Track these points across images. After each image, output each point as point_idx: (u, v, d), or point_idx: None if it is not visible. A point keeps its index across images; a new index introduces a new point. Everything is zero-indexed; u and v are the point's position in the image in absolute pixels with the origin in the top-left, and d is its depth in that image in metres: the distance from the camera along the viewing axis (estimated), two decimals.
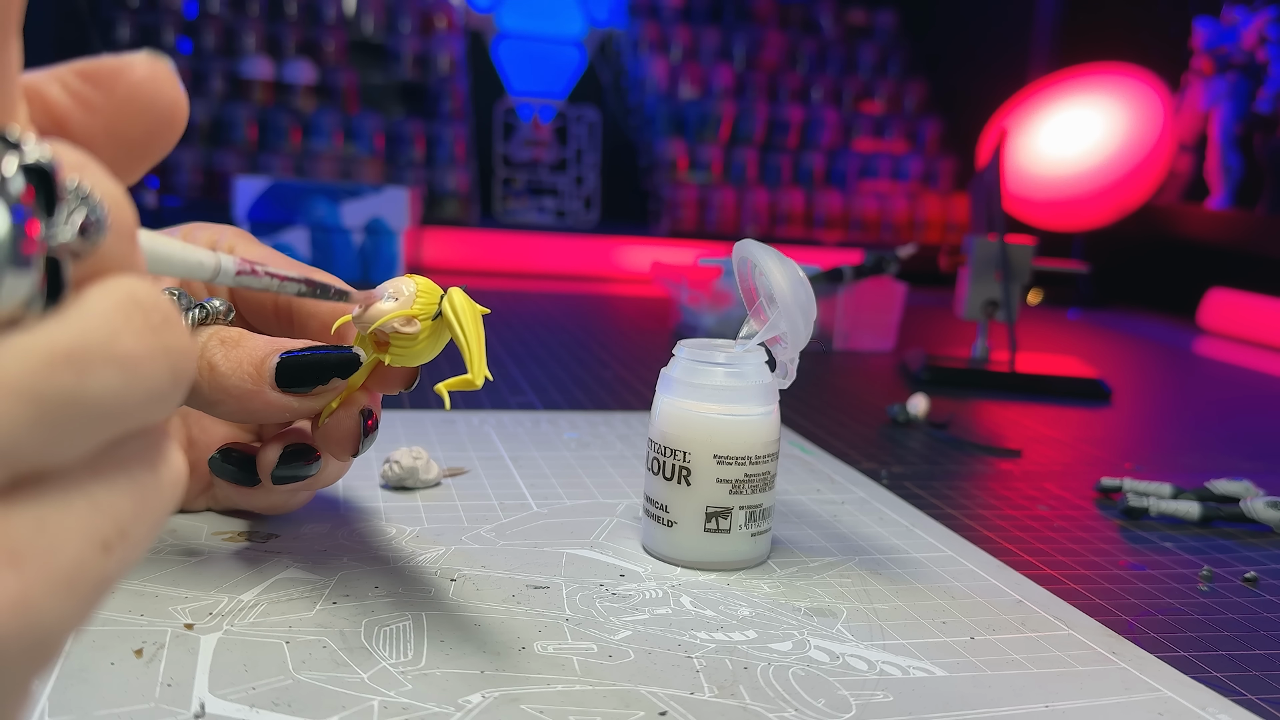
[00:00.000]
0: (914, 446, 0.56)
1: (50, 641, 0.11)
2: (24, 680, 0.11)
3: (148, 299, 0.12)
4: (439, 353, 0.29)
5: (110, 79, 0.14)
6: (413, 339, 0.28)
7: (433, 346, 0.29)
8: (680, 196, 1.48)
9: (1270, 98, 1.21)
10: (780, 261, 0.33)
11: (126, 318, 0.12)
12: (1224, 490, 0.46)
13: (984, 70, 1.63)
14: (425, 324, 0.28)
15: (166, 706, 0.24)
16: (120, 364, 0.12)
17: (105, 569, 0.12)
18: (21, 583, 0.11)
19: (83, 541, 0.12)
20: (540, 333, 0.85)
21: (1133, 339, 1.06)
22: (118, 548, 0.12)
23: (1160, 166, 1.26)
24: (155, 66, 0.14)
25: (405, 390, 0.32)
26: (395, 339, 0.28)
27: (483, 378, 0.27)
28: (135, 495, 0.13)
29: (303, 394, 0.29)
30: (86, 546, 0.12)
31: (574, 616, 0.30)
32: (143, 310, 0.12)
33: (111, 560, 0.12)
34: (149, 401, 0.12)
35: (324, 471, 0.33)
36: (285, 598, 0.30)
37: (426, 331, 0.28)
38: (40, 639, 0.11)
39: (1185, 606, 0.35)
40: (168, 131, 0.15)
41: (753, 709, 0.26)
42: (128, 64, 0.14)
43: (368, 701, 0.25)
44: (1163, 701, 0.28)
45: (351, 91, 1.48)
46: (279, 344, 0.29)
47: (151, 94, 0.14)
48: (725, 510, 0.34)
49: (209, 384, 0.29)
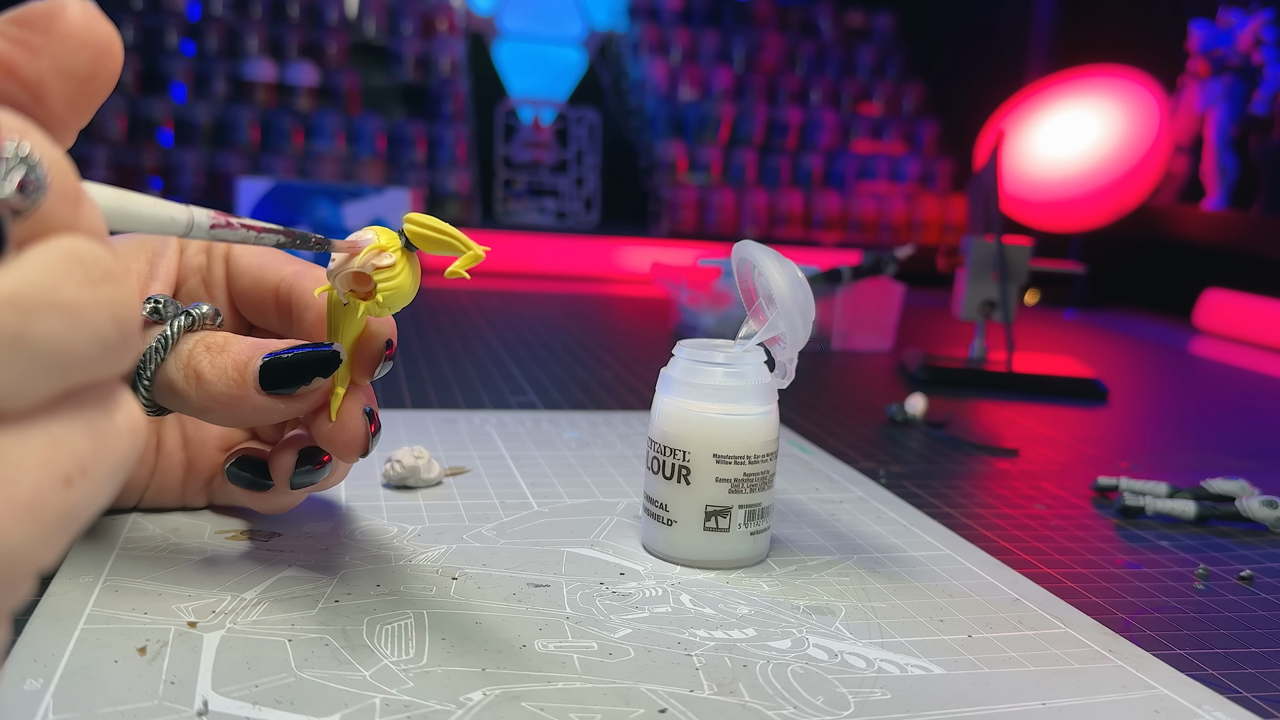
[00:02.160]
0: (912, 446, 0.56)
1: (16, 567, 0.12)
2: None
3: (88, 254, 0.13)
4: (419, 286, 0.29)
5: (46, 21, 0.15)
6: (393, 270, 0.28)
7: (413, 276, 0.29)
8: (680, 198, 1.49)
9: (1266, 99, 1.22)
10: (779, 262, 0.33)
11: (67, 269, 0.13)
12: (1220, 489, 0.46)
13: (981, 72, 1.64)
14: (398, 254, 0.28)
15: (169, 704, 0.24)
16: (63, 311, 0.12)
17: (67, 501, 0.13)
18: None
19: (42, 473, 0.12)
20: (541, 333, 0.85)
21: (1129, 339, 1.07)
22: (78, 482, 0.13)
23: (1156, 168, 1.26)
24: (84, 4, 0.16)
25: (388, 358, 0.31)
26: (377, 275, 0.28)
27: (482, 249, 0.27)
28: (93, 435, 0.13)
29: (288, 395, 0.29)
30: (46, 478, 0.12)
31: (574, 614, 0.30)
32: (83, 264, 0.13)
33: (73, 493, 0.13)
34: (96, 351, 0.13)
35: (334, 472, 0.34)
36: (288, 596, 0.30)
37: (402, 260, 0.28)
38: (5, 563, 0.12)
39: (1181, 605, 0.36)
40: (109, 63, 0.16)
41: (752, 706, 0.26)
42: (59, 5, 0.15)
43: (369, 699, 0.25)
44: (1159, 699, 0.28)
45: (353, 93, 1.48)
46: (262, 346, 0.29)
47: (88, 28, 0.15)
48: (724, 509, 0.34)
49: (197, 393, 0.29)
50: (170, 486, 0.35)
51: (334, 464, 0.33)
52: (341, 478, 0.35)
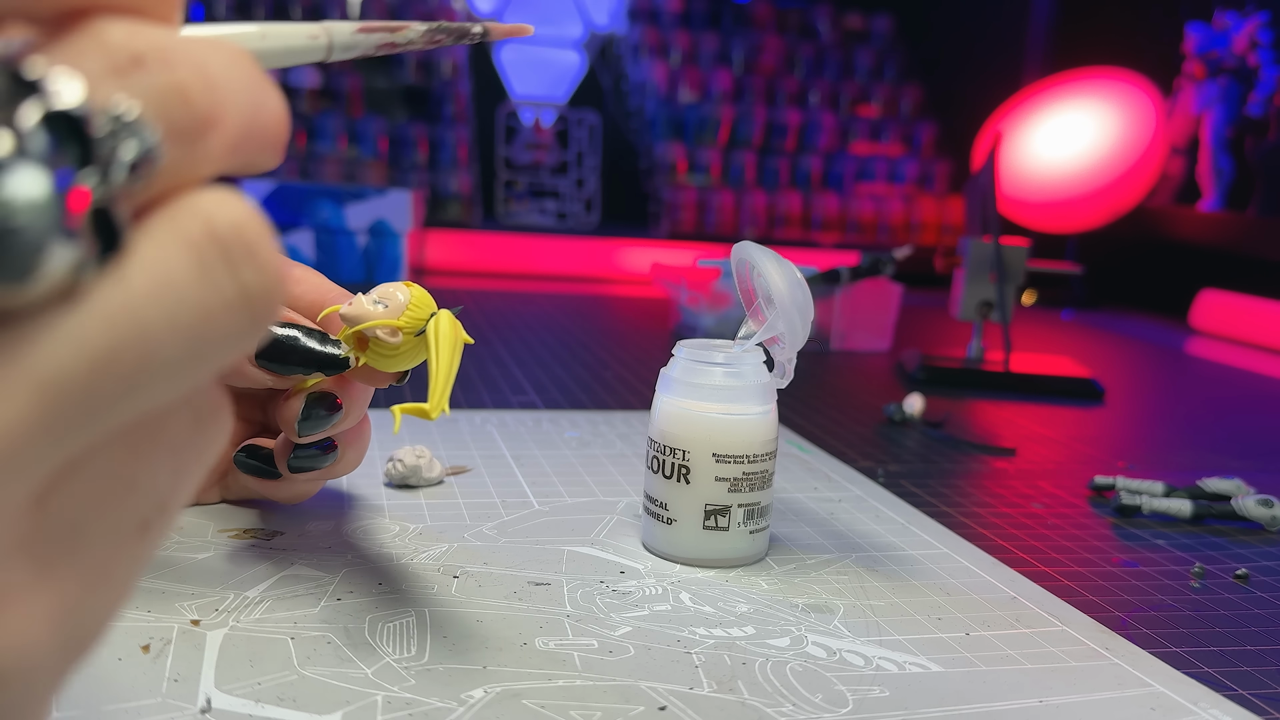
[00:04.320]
0: (910, 445, 0.56)
1: (88, 637, 0.11)
2: (64, 673, 0.11)
3: (223, 225, 0.10)
4: (417, 364, 0.29)
5: None
6: (393, 349, 0.28)
7: (411, 359, 0.29)
8: (679, 199, 1.49)
9: (1261, 101, 1.22)
10: (778, 263, 0.34)
11: (198, 260, 0.10)
12: (1215, 488, 0.47)
13: (979, 74, 1.64)
14: (408, 337, 0.28)
15: (173, 701, 0.24)
16: (189, 330, 0.10)
17: (142, 550, 0.11)
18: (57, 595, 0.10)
19: (120, 529, 0.11)
20: (542, 333, 0.85)
21: (1125, 339, 1.07)
22: (155, 525, 0.11)
23: (1152, 169, 1.27)
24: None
25: (397, 384, 0.31)
26: (375, 343, 0.28)
27: (439, 412, 0.26)
28: (175, 465, 0.11)
29: (278, 374, 0.29)
30: (124, 534, 0.11)
31: (575, 613, 0.31)
32: (218, 244, 0.10)
33: (148, 539, 0.11)
34: (221, 353, 0.11)
35: (341, 461, 0.34)
36: (290, 594, 0.30)
37: (408, 345, 0.28)
38: (79, 635, 0.11)
39: (1177, 603, 0.36)
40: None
41: (751, 704, 0.26)
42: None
43: (371, 696, 0.25)
44: (1155, 697, 0.28)
45: (355, 95, 1.48)
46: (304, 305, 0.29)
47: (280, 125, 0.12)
48: (724, 508, 0.35)
49: None
50: (208, 483, 0.36)
51: (341, 452, 0.33)
52: (354, 465, 0.35)
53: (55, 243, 0.09)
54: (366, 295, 0.28)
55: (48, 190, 0.09)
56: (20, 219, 0.09)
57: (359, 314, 0.28)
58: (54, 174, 0.09)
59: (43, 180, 0.09)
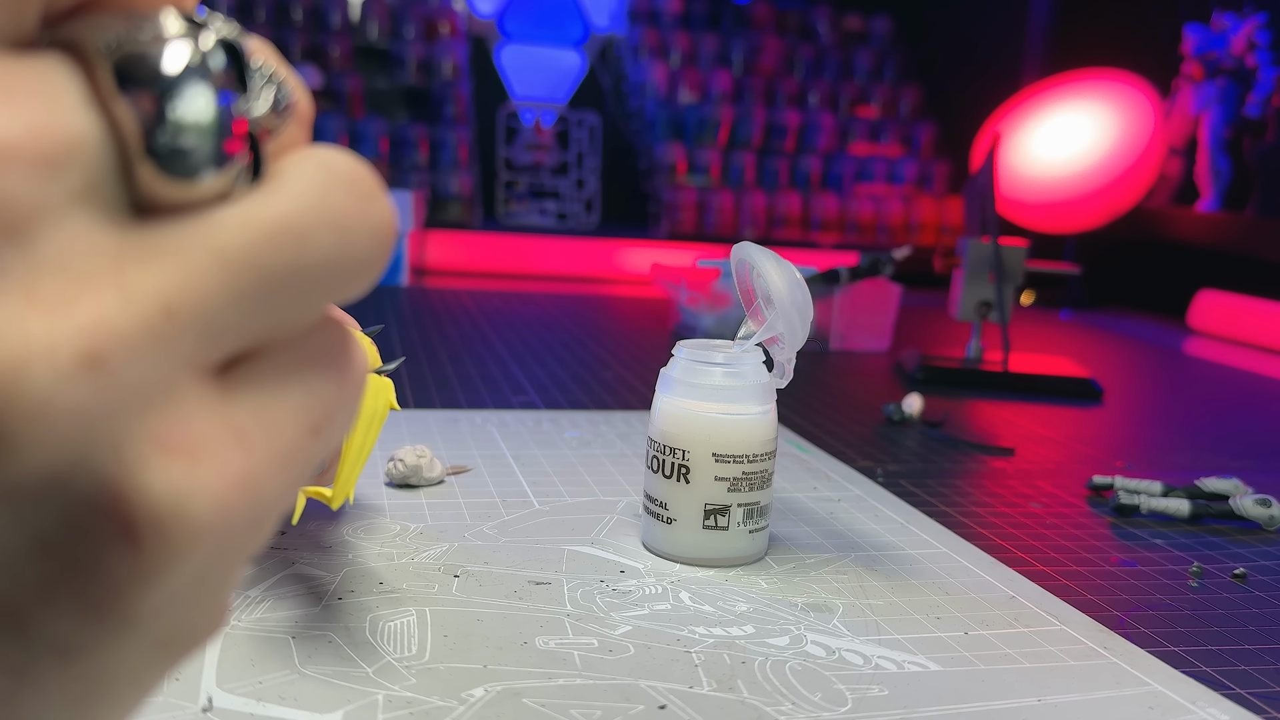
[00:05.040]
0: (909, 445, 0.56)
1: (267, 517, 0.12)
2: (244, 554, 0.12)
3: (343, 166, 0.12)
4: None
5: None
6: None
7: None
8: (679, 199, 1.49)
9: (1259, 102, 1.23)
10: (777, 263, 0.34)
11: (332, 183, 0.12)
12: (1213, 488, 0.47)
13: (978, 76, 1.64)
14: None
15: (175, 700, 0.24)
16: (334, 225, 0.12)
17: (314, 450, 0.12)
18: (247, 460, 0.11)
19: (297, 424, 0.12)
20: (542, 333, 0.85)
21: (1124, 339, 1.07)
22: (324, 431, 0.12)
23: (1151, 170, 1.27)
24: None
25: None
26: None
27: (342, 500, 0.26)
28: (337, 382, 0.13)
29: None
30: (300, 430, 0.12)
31: (575, 612, 0.31)
32: (346, 181, 0.12)
33: (318, 443, 0.12)
34: (358, 268, 0.12)
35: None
36: (291, 594, 0.31)
37: None
38: (260, 515, 0.12)
39: (1175, 602, 0.36)
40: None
41: (750, 702, 0.26)
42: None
43: (372, 695, 0.25)
44: (1153, 695, 0.28)
45: (357, 96, 1.48)
46: None
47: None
48: (723, 507, 0.35)
49: None
50: None
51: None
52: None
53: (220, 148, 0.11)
54: None
55: (216, 103, 0.11)
56: (197, 119, 0.11)
57: None
58: (224, 97, 0.11)
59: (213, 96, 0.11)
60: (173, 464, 0.11)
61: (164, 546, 0.11)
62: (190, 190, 0.11)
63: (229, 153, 0.11)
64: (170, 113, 0.10)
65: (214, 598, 0.12)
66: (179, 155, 0.11)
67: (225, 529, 0.11)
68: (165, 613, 0.11)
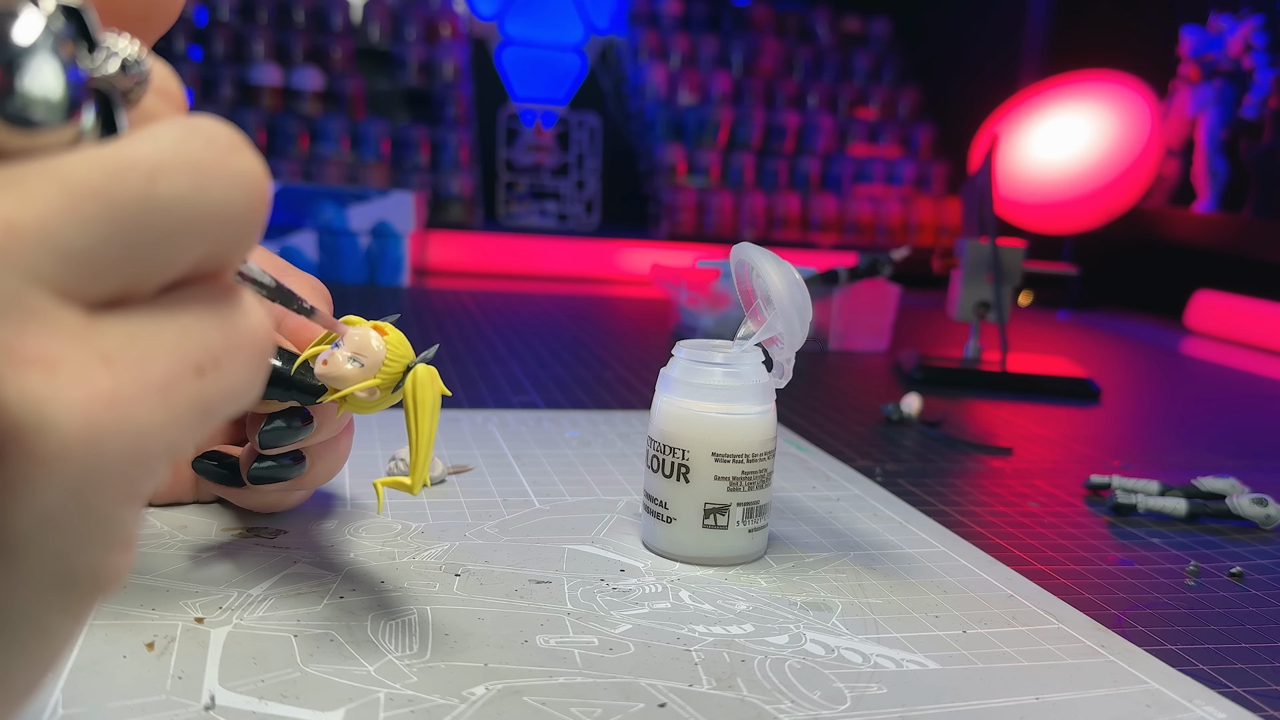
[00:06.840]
0: (908, 444, 0.56)
1: (148, 447, 0.12)
2: (131, 486, 0.12)
3: (212, 128, 0.13)
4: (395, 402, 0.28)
5: None
6: (371, 404, 0.27)
7: (389, 402, 0.28)
8: (679, 200, 1.49)
9: (1256, 104, 1.23)
10: (777, 264, 0.34)
11: (189, 135, 0.12)
12: (1210, 487, 0.47)
13: (976, 77, 1.65)
14: (385, 394, 0.27)
15: (177, 699, 0.24)
16: (189, 168, 0.12)
17: (200, 389, 0.12)
18: (114, 381, 0.11)
19: (174, 358, 0.12)
20: (542, 333, 0.85)
21: (1121, 340, 1.07)
22: (211, 373, 0.12)
23: (1148, 171, 1.27)
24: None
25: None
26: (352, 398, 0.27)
27: (420, 487, 0.26)
28: (225, 329, 0.13)
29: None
30: (178, 364, 0.12)
31: (575, 610, 0.31)
32: (207, 134, 0.12)
33: (206, 383, 0.12)
34: (222, 213, 0.12)
35: (310, 473, 0.34)
36: (293, 592, 0.31)
37: (385, 396, 0.27)
38: (136, 442, 0.11)
39: (1172, 601, 0.36)
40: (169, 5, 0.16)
41: (750, 701, 0.26)
42: None
43: (374, 694, 0.25)
44: (1150, 694, 0.28)
45: (358, 98, 1.48)
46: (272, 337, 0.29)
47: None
48: (723, 507, 0.35)
49: None
50: (185, 478, 0.36)
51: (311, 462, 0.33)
52: (327, 478, 0.35)
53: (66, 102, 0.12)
54: (340, 349, 0.27)
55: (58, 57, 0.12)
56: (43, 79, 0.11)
57: (336, 375, 0.27)
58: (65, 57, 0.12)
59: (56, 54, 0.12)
60: (29, 374, 0.10)
61: (24, 455, 0.10)
62: (35, 139, 0.11)
63: (75, 104, 0.12)
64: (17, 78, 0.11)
65: (104, 532, 0.11)
66: (25, 110, 0.11)
67: (94, 447, 0.11)
68: (45, 539, 0.11)
